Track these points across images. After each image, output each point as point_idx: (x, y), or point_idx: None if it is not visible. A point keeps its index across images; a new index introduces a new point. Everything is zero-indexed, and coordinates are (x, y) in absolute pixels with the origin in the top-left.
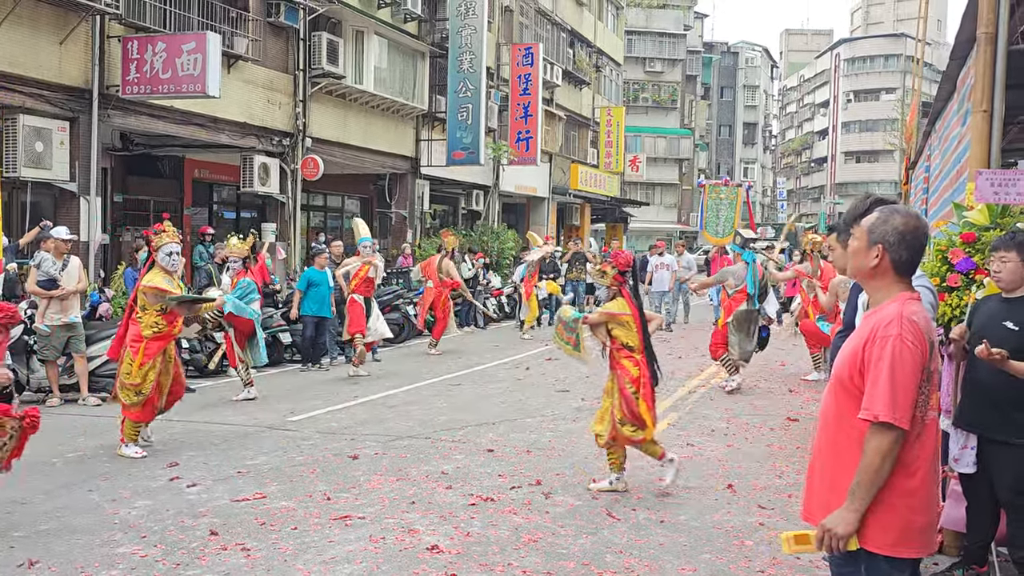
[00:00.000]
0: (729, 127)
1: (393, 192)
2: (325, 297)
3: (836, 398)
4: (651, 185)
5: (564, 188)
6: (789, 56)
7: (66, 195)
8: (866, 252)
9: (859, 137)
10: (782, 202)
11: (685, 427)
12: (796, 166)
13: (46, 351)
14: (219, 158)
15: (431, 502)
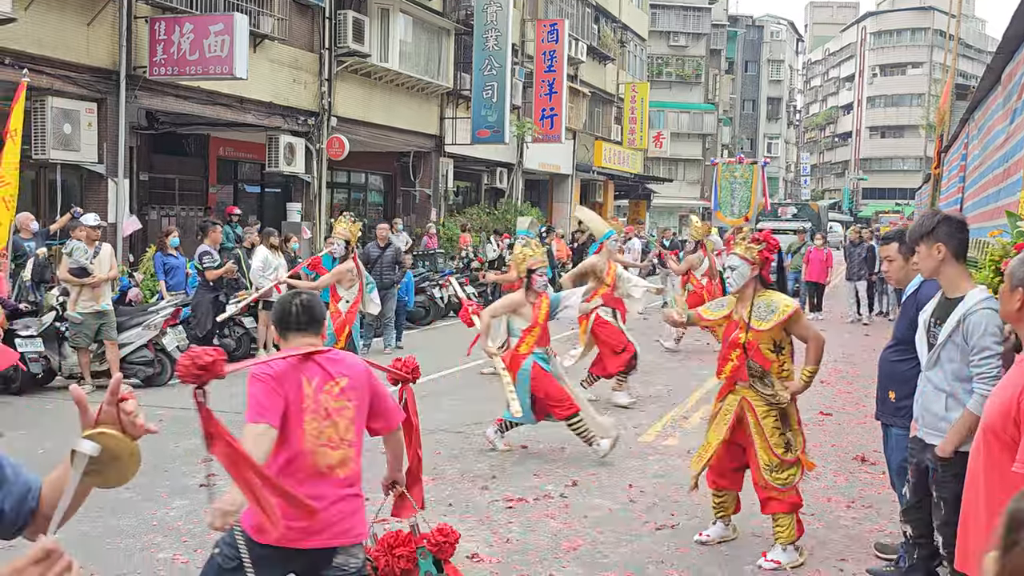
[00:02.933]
0: (753, 102)
1: (417, 170)
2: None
3: (988, 447)
4: (674, 161)
5: (588, 165)
6: (814, 29)
7: (94, 176)
8: (1010, 295)
9: (884, 112)
10: (805, 177)
11: None
12: (820, 141)
13: (78, 338)
14: (244, 136)
15: (468, 504)
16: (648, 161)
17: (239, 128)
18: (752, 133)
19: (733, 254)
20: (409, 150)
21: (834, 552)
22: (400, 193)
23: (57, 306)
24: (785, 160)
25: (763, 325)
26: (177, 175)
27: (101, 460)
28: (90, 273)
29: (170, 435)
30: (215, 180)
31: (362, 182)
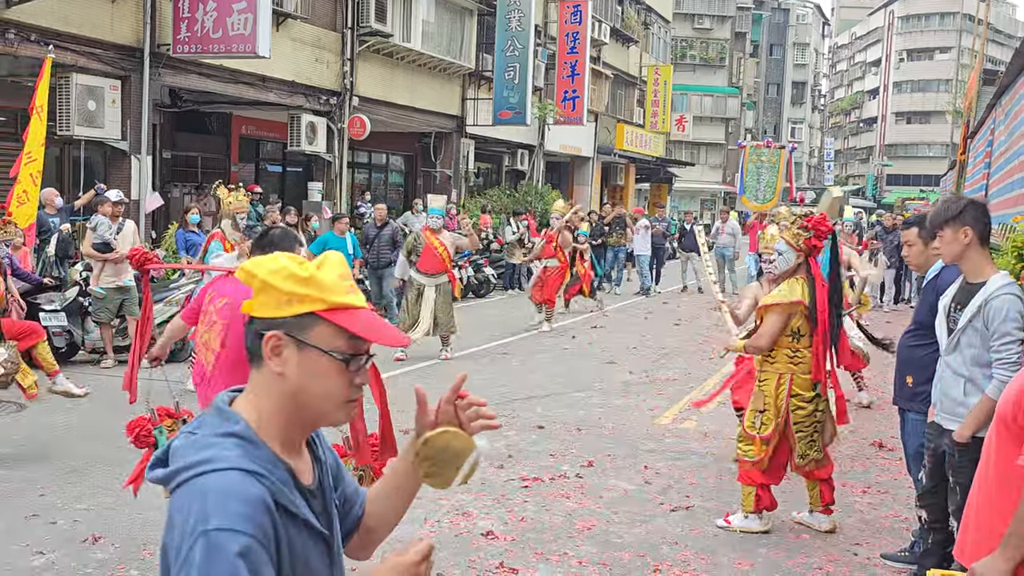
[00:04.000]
0: (777, 85)
1: (438, 151)
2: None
3: (998, 436)
4: (696, 144)
5: (609, 148)
6: (841, 13)
7: (117, 153)
8: None
9: (911, 97)
10: (829, 163)
11: None
12: (844, 126)
13: (100, 313)
14: (266, 115)
15: (483, 482)
16: (670, 144)
17: (261, 107)
18: (776, 117)
19: (781, 238)
20: (430, 131)
21: (848, 537)
22: (421, 174)
23: (80, 281)
24: (809, 145)
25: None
26: (199, 153)
27: (443, 460)
28: (113, 248)
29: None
30: (237, 158)
31: (383, 162)
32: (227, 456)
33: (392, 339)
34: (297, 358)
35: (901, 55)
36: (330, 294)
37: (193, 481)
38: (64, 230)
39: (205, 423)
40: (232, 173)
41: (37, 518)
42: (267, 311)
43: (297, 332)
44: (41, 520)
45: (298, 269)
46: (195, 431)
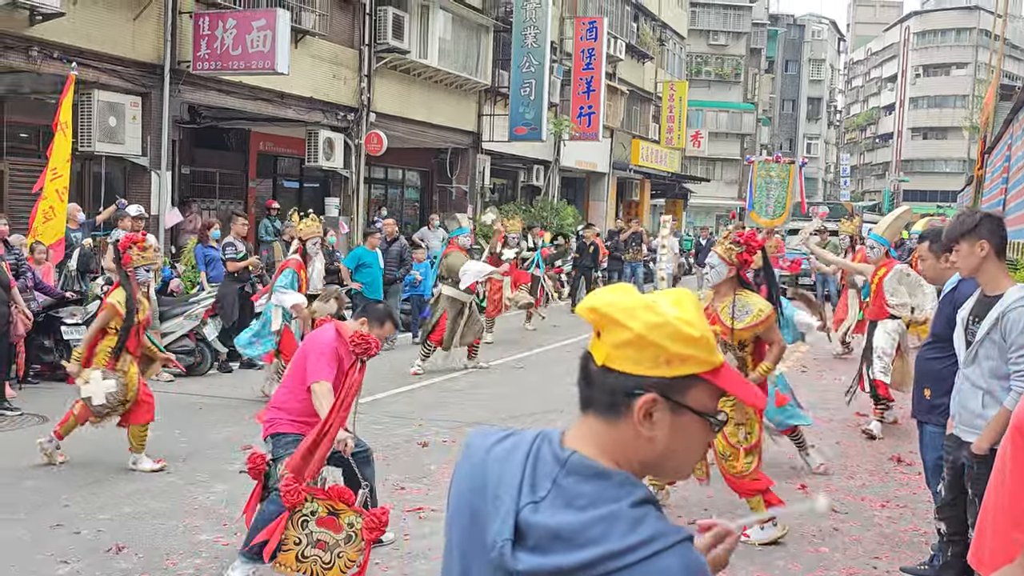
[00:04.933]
0: (793, 101)
1: (454, 167)
2: (376, 279)
3: (1013, 446)
4: (712, 160)
5: (624, 163)
6: (856, 29)
7: (137, 169)
8: None
9: (927, 113)
10: (845, 178)
11: None
12: (860, 142)
13: None
14: (284, 131)
15: None
16: (685, 160)
17: (279, 123)
18: (791, 133)
19: (714, 252)
20: (447, 147)
21: (867, 550)
22: (437, 189)
23: (101, 295)
24: (825, 161)
25: (737, 324)
26: (218, 169)
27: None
28: None
29: (210, 423)
30: (255, 174)
31: (399, 178)
32: (667, 528)
33: (752, 397)
34: (670, 421)
35: (917, 71)
36: (714, 353)
37: (650, 562)
38: (86, 244)
39: (592, 492)
40: (250, 189)
41: (61, 528)
42: (639, 368)
43: (675, 395)
44: (65, 530)
45: (688, 328)
46: (588, 504)
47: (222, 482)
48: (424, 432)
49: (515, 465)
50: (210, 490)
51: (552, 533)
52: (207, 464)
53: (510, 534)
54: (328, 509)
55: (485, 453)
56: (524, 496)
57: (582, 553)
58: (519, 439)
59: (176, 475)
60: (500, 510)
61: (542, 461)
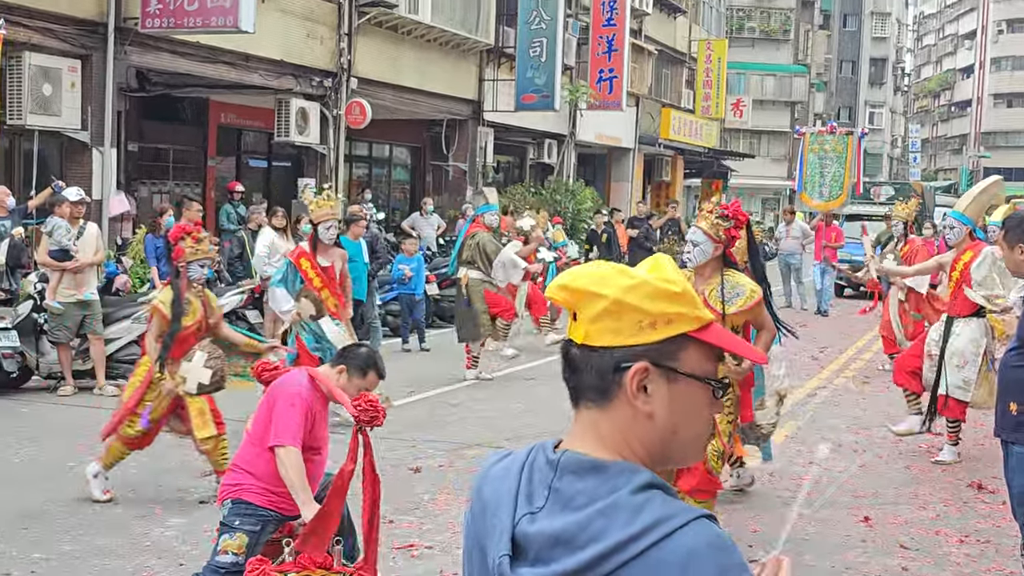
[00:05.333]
0: (853, 63)
1: (451, 142)
2: (361, 274)
3: None
4: (756, 133)
5: (653, 137)
6: None
7: (76, 145)
8: None
9: (1011, 76)
10: (915, 154)
11: (806, 440)
12: (933, 111)
13: (58, 332)
14: (248, 100)
15: None
16: (725, 133)
17: (243, 91)
18: (851, 100)
19: (697, 227)
20: (441, 118)
21: None
22: (430, 169)
23: (35, 294)
24: (891, 133)
25: (729, 308)
26: (171, 145)
27: None
28: (72, 256)
29: (162, 445)
30: (215, 152)
31: (386, 155)
32: (677, 509)
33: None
34: (667, 391)
35: (1000, 26)
36: (700, 308)
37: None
38: (16, 235)
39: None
40: (209, 169)
41: None
42: (621, 338)
43: (667, 360)
44: None
45: (667, 284)
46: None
47: (178, 515)
48: (417, 455)
49: (510, 481)
50: (164, 524)
51: (552, 539)
52: (161, 494)
53: (507, 549)
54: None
55: (482, 480)
56: (520, 509)
57: (583, 553)
58: (515, 456)
59: (124, 506)
60: (495, 531)
61: (537, 470)
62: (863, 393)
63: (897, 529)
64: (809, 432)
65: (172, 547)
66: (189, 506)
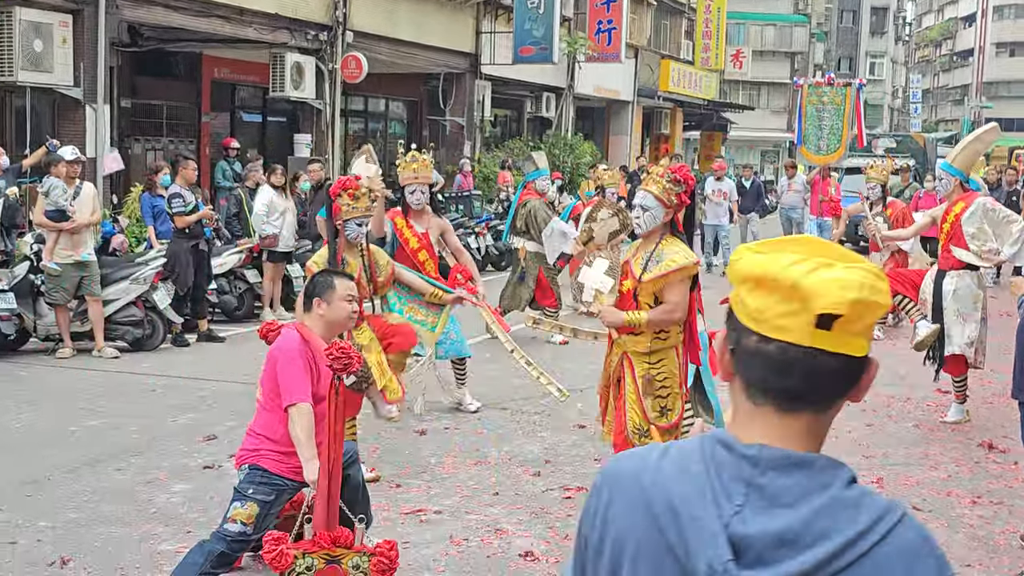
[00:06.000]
0: (853, 13)
1: (448, 96)
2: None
3: None
4: (756, 84)
5: (652, 90)
6: None
7: (69, 102)
8: None
9: (1014, 24)
10: (916, 105)
11: None
12: (934, 60)
13: (55, 293)
14: (242, 55)
15: (518, 493)
16: (725, 85)
17: (237, 45)
18: (851, 51)
19: (648, 192)
20: (438, 71)
21: (957, 557)
22: (427, 123)
23: (31, 256)
24: (891, 84)
25: (646, 275)
26: (164, 101)
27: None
28: (69, 217)
29: (165, 408)
30: (208, 107)
31: (382, 109)
32: (886, 502)
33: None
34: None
35: None
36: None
37: (886, 543)
38: (11, 195)
39: (797, 484)
40: (203, 125)
41: None
42: (863, 341)
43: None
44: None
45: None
46: (798, 499)
47: (183, 480)
48: (422, 418)
49: (695, 478)
50: (169, 490)
51: (776, 539)
52: (164, 459)
53: (730, 553)
54: (325, 559)
55: (647, 479)
56: (724, 508)
57: (814, 552)
58: (680, 451)
59: (128, 472)
60: (702, 533)
61: (723, 465)
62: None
63: (909, 491)
64: None
65: (179, 514)
66: (193, 471)
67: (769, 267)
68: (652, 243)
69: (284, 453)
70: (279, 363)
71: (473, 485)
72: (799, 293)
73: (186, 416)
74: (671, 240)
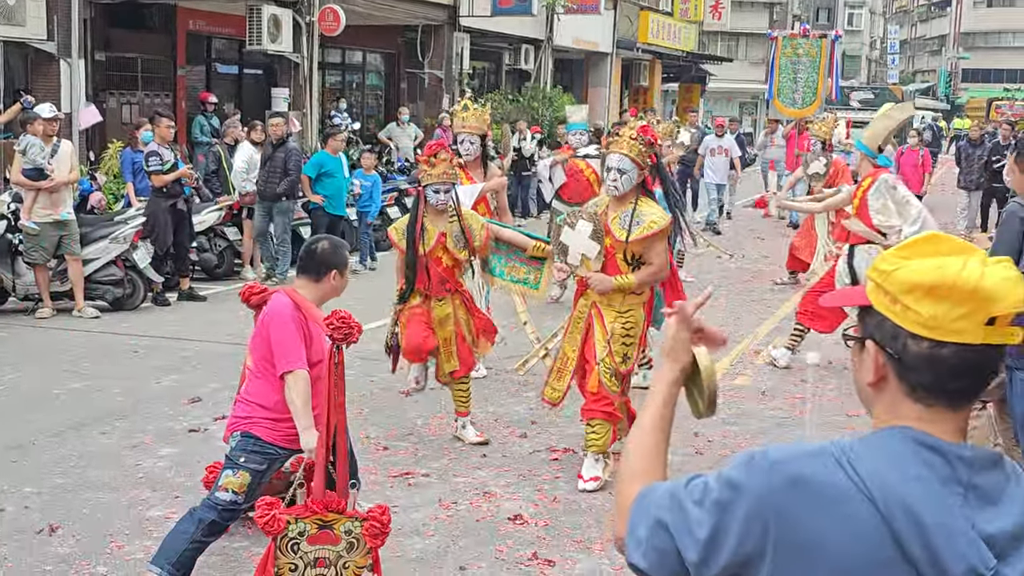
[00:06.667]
0: None
1: (426, 48)
2: (341, 190)
3: None
4: (734, 36)
5: (631, 42)
6: None
7: (43, 56)
8: None
9: None
10: (893, 55)
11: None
12: (912, 10)
13: (34, 253)
14: (218, 7)
15: (505, 455)
16: (704, 37)
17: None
18: (830, 1)
19: (623, 155)
20: (416, 23)
21: None
22: (405, 76)
23: (8, 215)
24: (869, 35)
25: (630, 236)
26: (139, 54)
27: (704, 387)
28: (47, 175)
29: (149, 370)
30: (184, 60)
31: (359, 62)
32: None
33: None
34: None
35: None
36: None
37: None
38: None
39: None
40: (179, 78)
41: None
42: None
43: None
44: None
45: None
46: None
47: (169, 444)
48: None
49: (920, 481)
50: (156, 455)
51: (1011, 536)
52: (149, 422)
53: (993, 559)
54: (318, 524)
55: (872, 482)
56: (963, 511)
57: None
58: (880, 450)
59: (114, 436)
60: (957, 538)
61: (936, 467)
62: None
63: None
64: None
65: (166, 478)
66: (179, 435)
67: (943, 274)
68: (628, 204)
69: (277, 420)
70: (272, 328)
71: (460, 447)
72: (979, 296)
73: (169, 378)
74: (646, 201)
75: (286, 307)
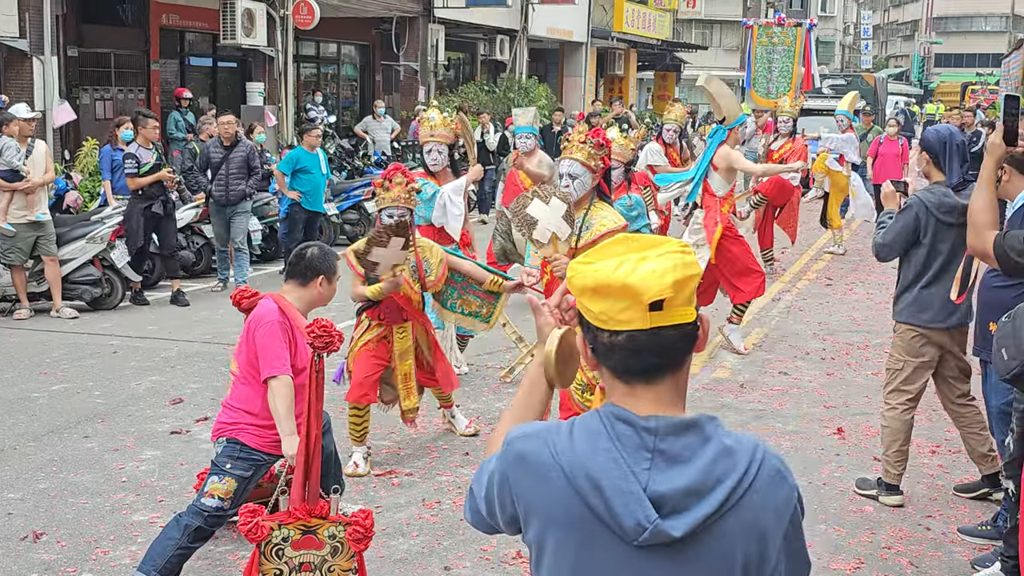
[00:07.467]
0: None
1: (401, 40)
2: (319, 187)
3: None
4: (709, 23)
5: (606, 31)
6: None
7: (15, 54)
8: None
9: None
10: (866, 41)
11: (773, 348)
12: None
13: (10, 254)
14: (191, 0)
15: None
16: (678, 25)
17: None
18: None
19: (573, 160)
20: (391, 15)
21: (918, 508)
22: (380, 68)
23: None
24: (843, 20)
25: (575, 240)
26: (112, 49)
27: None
28: (23, 176)
29: (129, 370)
30: (157, 55)
31: (333, 54)
32: (744, 435)
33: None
34: None
35: None
36: None
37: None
38: None
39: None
40: (152, 72)
41: None
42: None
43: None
44: None
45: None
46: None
47: (151, 447)
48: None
49: (606, 452)
50: (137, 458)
51: (683, 492)
52: (131, 425)
53: (655, 512)
54: (301, 530)
55: (563, 456)
56: (640, 475)
57: (716, 495)
58: (585, 431)
59: (95, 440)
60: (627, 497)
61: (627, 438)
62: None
63: (870, 440)
64: (775, 340)
65: (149, 482)
66: (161, 437)
67: (600, 276)
68: (582, 210)
69: (263, 427)
70: (258, 334)
71: (443, 446)
72: (629, 291)
73: (150, 379)
74: (600, 205)
75: (272, 312)
